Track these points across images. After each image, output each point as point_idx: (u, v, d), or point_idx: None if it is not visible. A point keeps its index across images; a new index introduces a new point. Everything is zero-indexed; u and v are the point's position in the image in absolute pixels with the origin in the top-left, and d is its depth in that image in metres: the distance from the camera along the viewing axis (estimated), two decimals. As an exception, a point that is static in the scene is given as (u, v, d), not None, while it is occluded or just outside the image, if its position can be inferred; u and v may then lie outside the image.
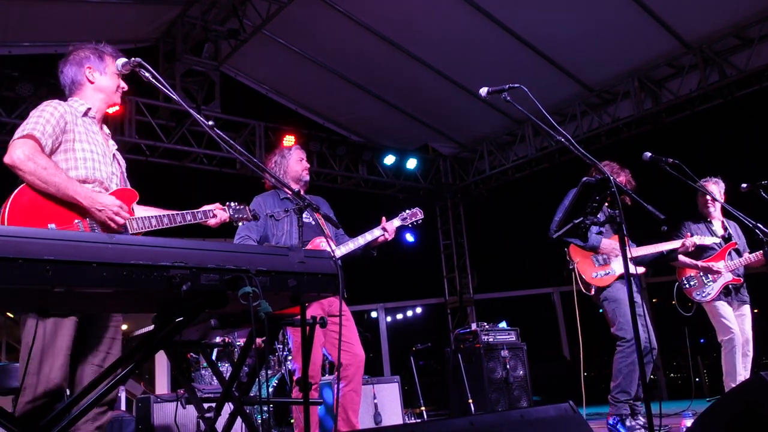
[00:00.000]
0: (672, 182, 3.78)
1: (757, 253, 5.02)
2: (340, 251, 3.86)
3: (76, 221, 2.45)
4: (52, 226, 2.38)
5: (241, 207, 3.09)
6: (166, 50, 8.06)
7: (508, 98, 2.94)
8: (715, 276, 5.05)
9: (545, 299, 11.12)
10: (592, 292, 4.52)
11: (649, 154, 3.94)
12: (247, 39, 7.74)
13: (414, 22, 7.70)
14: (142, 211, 2.76)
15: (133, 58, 2.60)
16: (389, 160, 9.77)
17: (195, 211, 2.85)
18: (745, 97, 7.67)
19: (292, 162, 4.10)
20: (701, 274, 5.09)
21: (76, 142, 2.62)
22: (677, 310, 5.14)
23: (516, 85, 2.93)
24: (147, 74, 2.51)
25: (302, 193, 4.07)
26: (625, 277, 2.77)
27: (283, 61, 8.63)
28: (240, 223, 3.36)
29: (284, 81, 9.21)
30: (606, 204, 3.23)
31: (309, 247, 3.83)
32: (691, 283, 5.10)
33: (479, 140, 10.18)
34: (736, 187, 5.04)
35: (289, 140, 8.65)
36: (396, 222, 4.05)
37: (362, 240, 3.92)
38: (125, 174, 2.92)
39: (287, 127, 9.03)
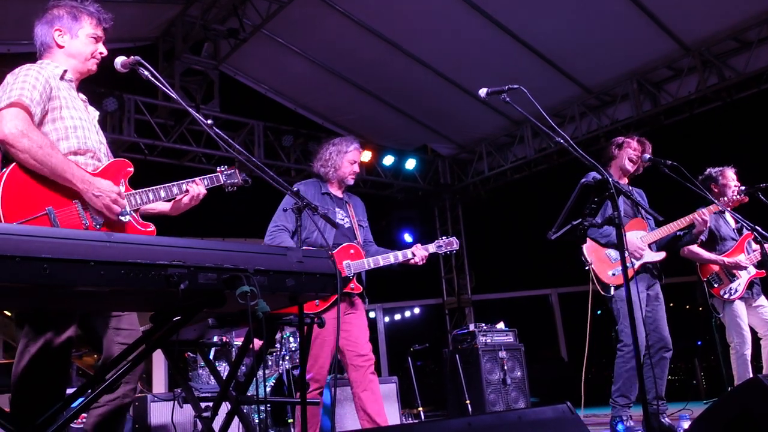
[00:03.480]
0: (670, 184, 3.78)
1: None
2: (368, 265, 3.85)
3: (75, 201, 2.29)
4: (51, 209, 2.20)
5: (232, 171, 2.89)
6: (166, 49, 8.06)
7: (507, 99, 2.94)
8: (740, 271, 4.75)
9: (543, 300, 11.14)
10: (612, 293, 4.20)
11: (647, 156, 3.94)
12: (246, 38, 7.74)
13: (413, 22, 7.71)
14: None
15: (132, 57, 2.57)
16: (388, 160, 9.78)
17: (181, 182, 2.67)
18: (744, 100, 7.69)
19: (346, 162, 4.02)
20: (725, 270, 4.79)
21: (63, 109, 2.41)
22: (688, 312, 4.98)
23: (515, 87, 2.93)
24: (146, 73, 2.48)
25: (342, 191, 4.08)
26: (624, 278, 2.77)
27: (282, 60, 8.63)
28: (231, 189, 3.00)
29: (283, 81, 9.21)
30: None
31: (338, 250, 3.84)
32: (717, 281, 4.79)
33: (478, 141, 10.18)
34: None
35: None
36: (431, 248, 4.08)
37: (393, 258, 3.91)
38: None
39: (286, 127, 9.04)
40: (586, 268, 4.26)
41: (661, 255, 4.37)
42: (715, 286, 4.82)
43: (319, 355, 3.73)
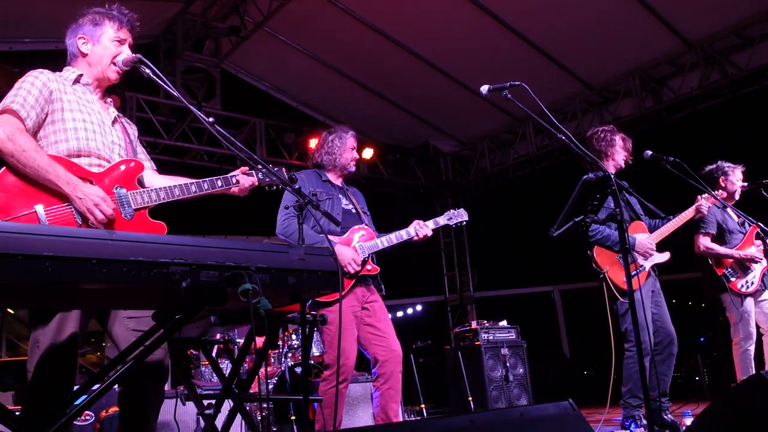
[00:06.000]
0: (672, 180, 3.78)
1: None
2: (381, 244, 3.90)
3: (68, 204, 2.30)
4: (40, 207, 2.23)
5: (277, 169, 2.82)
6: (167, 47, 8.05)
7: (509, 96, 2.92)
8: (753, 264, 4.75)
9: (545, 297, 11.13)
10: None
11: (649, 152, 3.94)
12: (248, 36, 7.74)
13: (415, 19, 7.69)
14: (162, 181, 2.63)
15: (133, 55, 2.57)
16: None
17: (214, 178, 2.66)
18: (746, 96, 7.66)
19: (348, 148, 4.08)
20: (738, 263, 4.79)
21: (65, 112, 2.44)
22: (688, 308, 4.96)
23: (517, 83, 2.91)
24: (148, 71, 2.47)
25: (342, 180, 4.11)
26: (626, 276, 2.76)
27: (284, 58, 8.62)
28: (271, 187, 2.94)
29: (285, 78, 9.21)
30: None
31: (349, 234, 3.87)
32: (734, 274, 4.77)
33: (480, 138, 10.17)
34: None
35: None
36: (441, 220, 4.11)
37: (405, 235, 3.96)
38: (135, 142, 2.72)
39: (288, 124, 9.03)
40: (600, 276, 4.23)
41: (666, 255, 4.40)
42: (732, 279, 4.78)
43: (336, 344, 3.58)
